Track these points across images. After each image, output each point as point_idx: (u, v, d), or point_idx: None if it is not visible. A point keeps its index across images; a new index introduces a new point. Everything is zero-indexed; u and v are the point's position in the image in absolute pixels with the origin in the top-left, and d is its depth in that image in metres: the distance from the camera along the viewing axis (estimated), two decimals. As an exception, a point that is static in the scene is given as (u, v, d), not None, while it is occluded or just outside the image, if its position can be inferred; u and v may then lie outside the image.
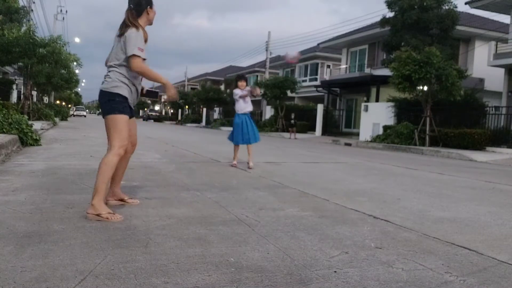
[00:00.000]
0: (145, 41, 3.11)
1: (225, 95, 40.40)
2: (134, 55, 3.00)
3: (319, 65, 33.92)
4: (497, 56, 17.73)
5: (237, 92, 6.72)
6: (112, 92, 3.05)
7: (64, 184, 4.25)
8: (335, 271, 2.14)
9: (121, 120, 3.05)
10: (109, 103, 3.04)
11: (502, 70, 18.31)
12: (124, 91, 3.07)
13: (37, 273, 1.91)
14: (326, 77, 30.76)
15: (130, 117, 3.18)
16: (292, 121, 23.04)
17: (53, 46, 17.51)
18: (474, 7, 19.49)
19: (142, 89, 3.36)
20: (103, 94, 3.07)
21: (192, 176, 5.35)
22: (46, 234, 2.52)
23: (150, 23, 3.25)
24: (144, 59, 3.07)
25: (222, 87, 45.05)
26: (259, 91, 6.83)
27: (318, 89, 28.43)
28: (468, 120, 16.15)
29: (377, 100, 22.06)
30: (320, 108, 25.65)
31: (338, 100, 28.17)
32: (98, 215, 2.87)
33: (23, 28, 17.54)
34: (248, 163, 6.61)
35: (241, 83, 6.71)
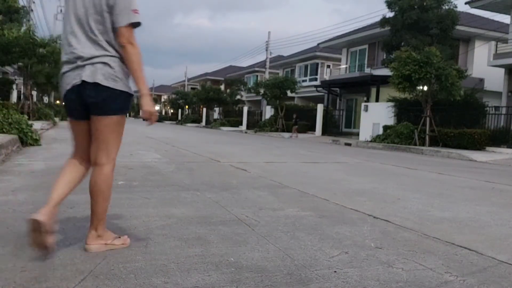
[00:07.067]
0: None
1: (225, 95, 40.37)
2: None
3: (319, 65, 33.91)
4: (497, 56, 17.73)
5: None
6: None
7: (64, 184, 4.24)
8: (335, 271, 2.14)
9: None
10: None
11: (502, 70, 18.31)
12: None
13: (37, 273, 1.91)
14: (326, 77, 30.74)
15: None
16: (293, 121, 24.40)
17: (53, 46, 17.52)
18: (474, 7, 19.49)
19: None
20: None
21: (192, 176, 5.35)
22: (46, 234, 2.52)
23: None
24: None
25: (222, 87, 45.02)
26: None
27: (318, 89, 28.43)
28: (468, 120, 16.15)
29: (377, 100, 22.06)
30: (320, 108, 25.66)
31: (338, 100, 28.16)
32: (106, 244, 2.32)
33: (23, 28, 17.54)
34: None
35: None
